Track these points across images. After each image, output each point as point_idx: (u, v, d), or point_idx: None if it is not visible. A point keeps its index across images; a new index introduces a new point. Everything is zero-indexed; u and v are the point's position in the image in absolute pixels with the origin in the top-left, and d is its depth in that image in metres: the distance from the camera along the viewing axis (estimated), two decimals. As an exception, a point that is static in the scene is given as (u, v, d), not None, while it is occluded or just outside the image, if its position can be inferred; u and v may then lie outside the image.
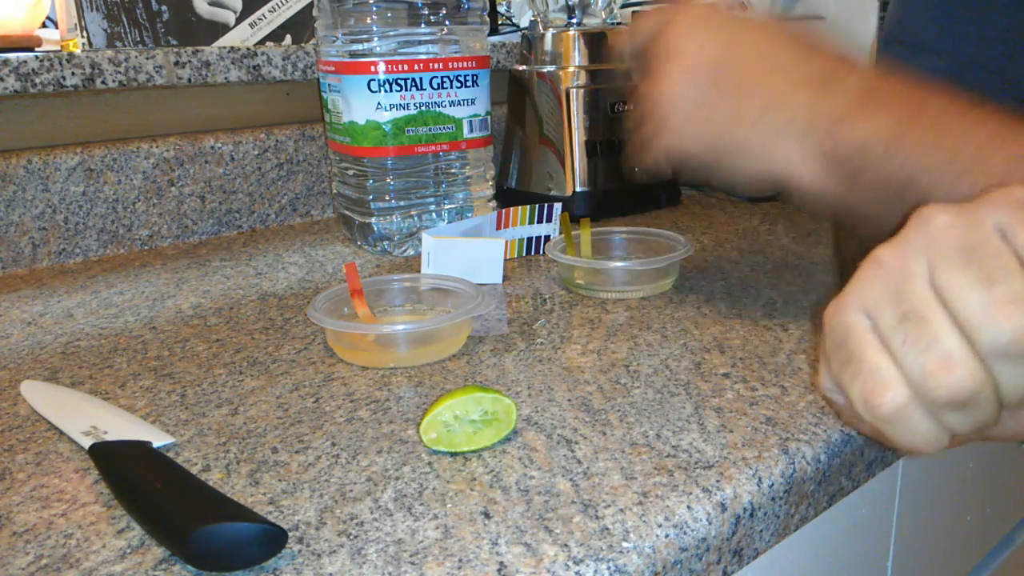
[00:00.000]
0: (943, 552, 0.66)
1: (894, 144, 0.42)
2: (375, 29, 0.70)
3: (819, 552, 0.49)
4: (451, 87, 0.74)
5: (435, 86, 0.73)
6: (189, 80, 0.82)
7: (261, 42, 0.94)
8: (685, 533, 0.33)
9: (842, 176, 0.45)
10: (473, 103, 0.75)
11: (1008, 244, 0.28)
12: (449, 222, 0.76)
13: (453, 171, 0.77)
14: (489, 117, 0.78)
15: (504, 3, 1.36)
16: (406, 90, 0.71)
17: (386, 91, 0.71)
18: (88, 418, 0.43)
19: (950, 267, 0.28)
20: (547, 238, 0.74)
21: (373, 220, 0.74)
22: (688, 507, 0.34)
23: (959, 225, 0.29)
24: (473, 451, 0.39)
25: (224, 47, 0.84)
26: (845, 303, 0.31)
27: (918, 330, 0.28)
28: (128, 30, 0.86)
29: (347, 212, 0.78)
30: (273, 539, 0.31)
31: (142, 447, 0.39)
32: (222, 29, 0.92)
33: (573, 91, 0.85)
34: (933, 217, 0.29)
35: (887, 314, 0.30)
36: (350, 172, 0.76)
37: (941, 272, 0.28)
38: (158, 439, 0.41)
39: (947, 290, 0.28)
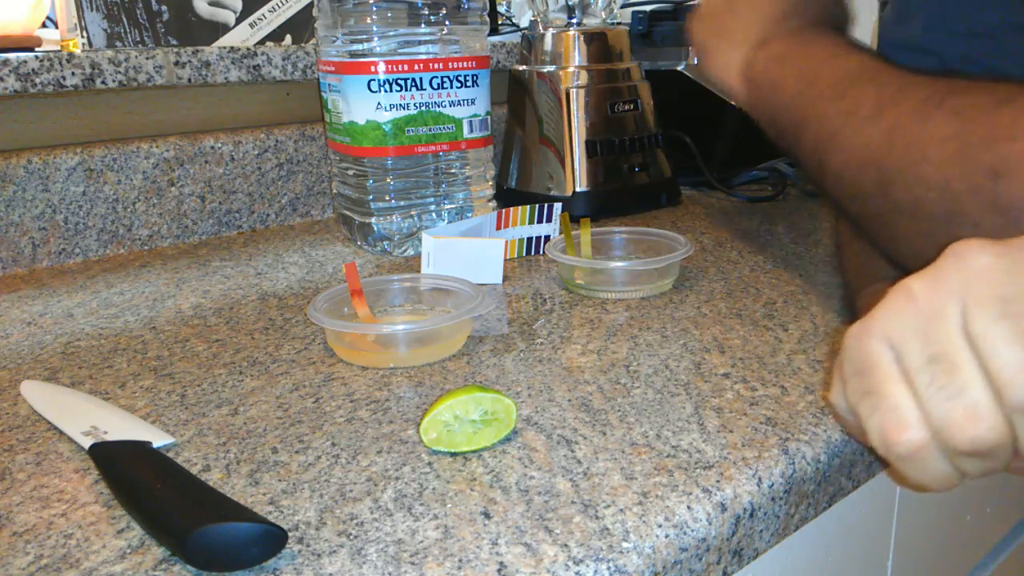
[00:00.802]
0: (943, 552, 0.66)
1: (774, 66, 0.52)
2: (375, 29, 0.70)
3: (819, 552, 0.49)
4: (451, 87, 0.74)
5: (435, 86, 0.73)
6: (189, 80, 0.82)
7: (261, 42, 0.94)
8: (685, 533, 0.33)
9: (751, 93, 0.55)
10: (473, 103, 0.75)
11: None
12: (449, 222, 0.76)
13: (453, 171, 0.77)
14: (489, 117, 0.78)
15: (504, 3, 1.36)
16: (406, 90, 0.71)
17: (386, 91, 0.71)
18: (88, 418, 0.43)
19: (986, 316, 0.27)
20: (547, 238, 0.74)
21: (373, 220, 0.74)
22: (688, 507, 0.34)
23: (999, 270, 0.28)
24: (473, 451, 0.39)
25: (224, 47, 0.84)
26: (870, 330, 0.30)
27: (946, 376, 0.28)
28: (128, 30, 0.86)
29: (347, 212, 0.78)
30: (273, 539, 0.31)
31: (142, 447, 0.39)
32: (222, 29, 0.92)
33: (573, 91, 0.85)
34: (972, 255, 0.29)
35: (915, 352, 0.29)
36: (350, 172, 0.76)
37: (977, 320, 0.28)
38: (158, 439, 0.41)
39: (981, 340, 0.27)
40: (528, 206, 0.73)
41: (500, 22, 1.26)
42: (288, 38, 0.96)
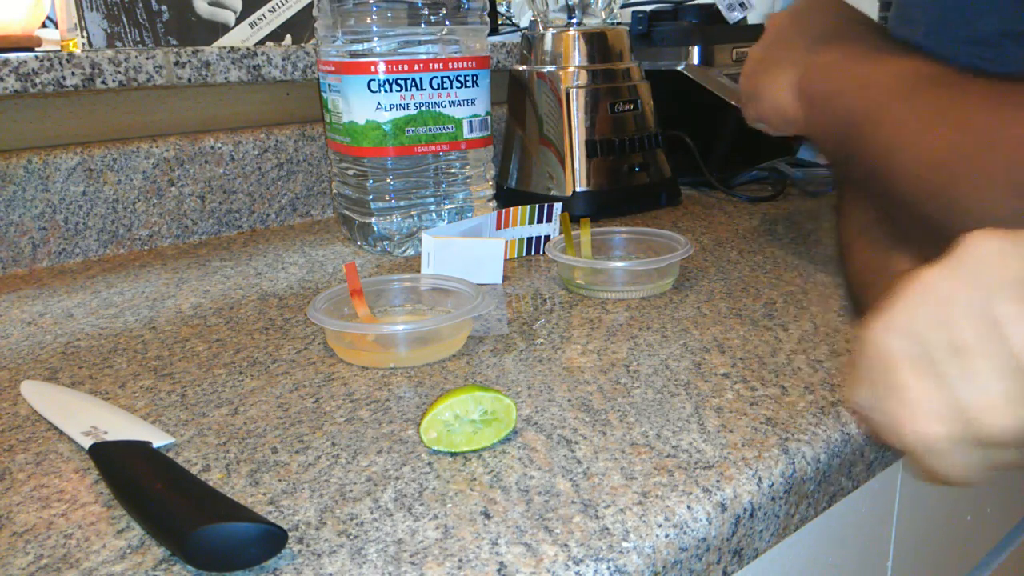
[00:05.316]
0: (943, 552, 0.66)
1: (826, 75, 0.53)
2: (375, 29, 0.70)
3: (819, 552, 0.49)
4: (451, 87, 0.74)
5: (435, 86, 0.73)
6: (189, 80, 0.82)
7: (261, 42, 0.94)
8: (685, 533, 0.33)
9: (807, 108, 0.55)
10: (473, 103, 0.75)
11: None
12: (449, 222, 0.76)
13: (453, 171, 0.77)
14: (489, 117, 0.78)
15: (504, 3, 1.36)
16: (406, 90, 0.71)
17: (386, 91, 0.71)
18: (88, 418, 0.43)
19: (1008, 299, 0.27)
20: (547, 238, 0.74)
21: (373, 220, 0.74)
22: (688, 507, 0.34)
23: (1013, 255, 0.28)
24: (473, 451, 0.39)
25: (224, 47, 0.84)
26: (890, 325, 0.30)
27: (972, 365, 0.28)
28: (128, 30, 0.86)
29: (347, 212, 0.78)
30: (273, 539, 0.31)
31: (142, 447, 0.39)
32: (222, 29, 0.92)
33: (573, 91, 0.85)
34: (984, 244, 0.29)
35: (937, 343, 0.28)
36: (350, 172, 0.76)
37: (998, 303, 0.27)
38: (158, 439, 0.41)
39: (1006, 323, 0.27)
40: (528, 206, 0.73)
41: (500, 22, 1.26)
42: (288, 38, 0.96)
